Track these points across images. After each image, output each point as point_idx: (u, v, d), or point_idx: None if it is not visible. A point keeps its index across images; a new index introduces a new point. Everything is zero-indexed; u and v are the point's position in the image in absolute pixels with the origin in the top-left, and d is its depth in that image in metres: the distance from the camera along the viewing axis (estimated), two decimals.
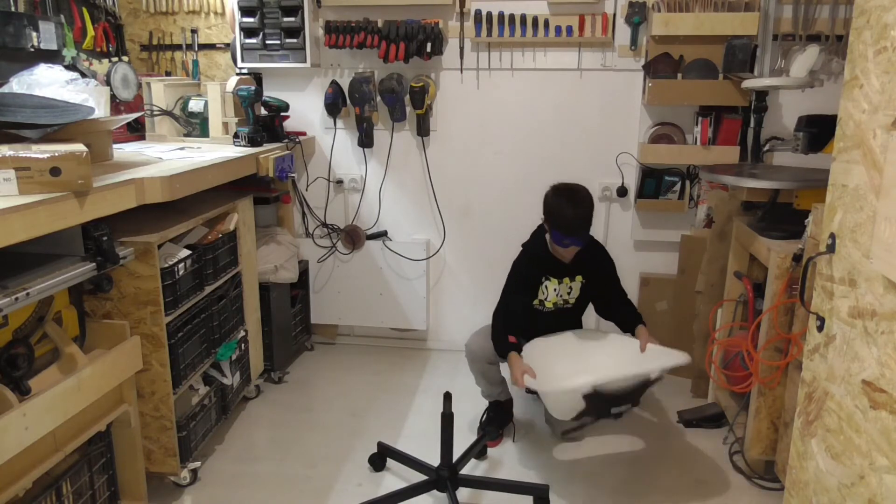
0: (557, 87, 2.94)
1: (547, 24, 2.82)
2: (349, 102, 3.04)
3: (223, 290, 2.37)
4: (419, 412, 2.71)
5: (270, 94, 3.00)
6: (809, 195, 2.13)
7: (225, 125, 2.81)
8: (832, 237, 1.38)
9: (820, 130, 2.34)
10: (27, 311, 1.61)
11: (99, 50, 3.25)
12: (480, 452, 2.37)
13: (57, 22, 2.56)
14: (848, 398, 1.29)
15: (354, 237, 3.21)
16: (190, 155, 2.36)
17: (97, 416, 1.79)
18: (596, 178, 2.97)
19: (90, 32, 3.18)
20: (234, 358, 2.45)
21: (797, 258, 1.98)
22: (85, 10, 3.15)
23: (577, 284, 2.41)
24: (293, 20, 2.89)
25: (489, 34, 2.87)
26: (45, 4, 2.86)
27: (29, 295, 1.46)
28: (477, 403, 2.64)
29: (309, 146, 3.14)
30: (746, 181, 2.27)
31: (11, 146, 1.51)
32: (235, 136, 2.71)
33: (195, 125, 2.91)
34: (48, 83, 1.91)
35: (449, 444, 2.08)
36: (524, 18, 2.83)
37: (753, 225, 2.32)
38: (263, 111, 2.84)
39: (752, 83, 2.52)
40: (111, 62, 2.71)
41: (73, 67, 2.33)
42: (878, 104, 1.19)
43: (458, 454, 2.16)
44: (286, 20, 2.89)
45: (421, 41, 2.82)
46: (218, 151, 2.48)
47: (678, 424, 2.61)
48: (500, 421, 2.52)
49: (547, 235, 2.35)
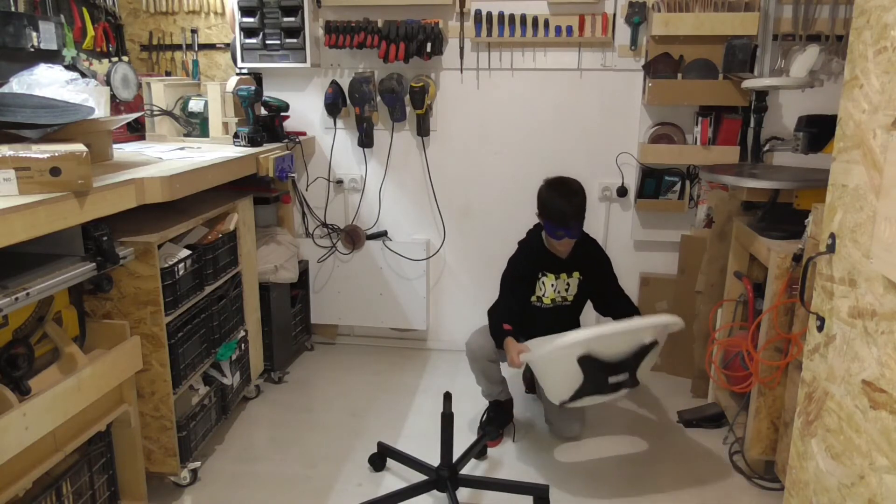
0: (557, 87, 2.94)
1: (547, 24, 2.82)
2: (349, 102, 3.04)
3: (223, 290, 2.37)
4: (419, 412, 2.72)
5: (270, 94, 3.00)
6: (809, 195, 2.13)
7: (225, 125, 2.81)
8: (832, 237, 1.38)
9: (820, 130, 2.34)
10: (27, 311, 1.61)
11: (99, 50, 3.25)
12: (480, 452, 2.37)
13: (57, 22, 2.56)
14: (848, 398, 1.29)
15: (354, 237, 3.21)
16: (190, 155, 2.36)
17: (97, 416, 1.79)
18: (596, 178, 2.98)
19: (90, 32, 3.18)
20: (234, 358, 2.45)
21: (797, 258, 1.98)
22: (85, 10, 3.15)
23: (574, 281, 2.42)
24: (293, 20, 2.89)
25: (489, 34, 2.87)
26: (45, 4, 2.86)
27: (29, 295, 1.46)
28: (477, 403, 2.64)
29: (309, 146, 3.14)
30: (746, 181, 2.27)
31: (11, 146, 1.51)
32: (235, 136, 2.71)
33: (195, 125, 2.91)
34: (48, 83, 1.91)
35: (449, 444, 2.08)
36: (524, 18, 2.83)
37: (753, 225, 2.32)
38: (263, 111, 2.84)
39: (752, 83, 2.52)
40: (111, 62, 2.71)
41: (73, 67, 2.33)
42: (878, 104, 1.19)
43: (458, 454, 2.16)
44: (286, 20, 2.89)
45: (421, 41, 2.82)
46: (218, 151, 2.48)
47: (678, 424, 2.61)
48: (500, 421, 2.52)
49: (543, 233, 2.38)
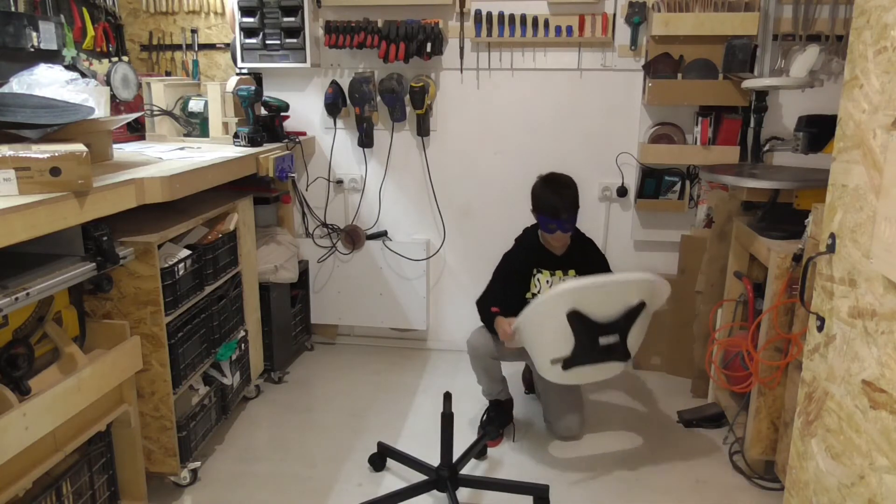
0: (557, 87, 2.94)
1: (547, 24, 2.82)
2: (349, 102, 3.04)
3: (223, 290, 2.37)
4: (419, 412, 2.71)
5: (270, 94, 3.00)
6: (809, 195, 2.13)
7: (225, 125, 2.81)
8: (832, 237, 1.38)
9: (820, 130, 2.34)
10: (27, 311, 1.61)
11: (99, 50, 3.25)
12: (480, 452, 2.37)
13: (57, 22, 2.56)
14: (848, 398, 1.29)
15: (354, 237, 3.21)
16: (190, 155, 2.36)
17: (97, 416, 1.79)
18: (596, 178, 2.98)
19: (90, 32, 3.18)
20: (234, 358, 2.45)
21: (797, 258, 1.98)
22: (85, 10, 3.15)
23: (569, 278, 2.42)
24: (293, 20, 2.89)
25: (489, 34, 2.87)
26: (45, 4, 2.87)
27: (29, 295, 1.46)
28: (477, 403, 2.64)
29: (309, 146, 3.14)
30: (746, 181, 2.27)
31: (11, 146, 1.51)
32: (235, 136, 2.71)
33: (195, 125, 2.91)
34: (48, 83, 1.91)
35: (449, 444, 2.08)
36: (524, 18, 2.83)
37: (753, 225, 2.32)
38: (263, 111, 2.83)
39: (752, 83, 2.52)
40: (111, 62, 2.71)
41: (73, 67, 2.33)
42: (878, 104, 1.19)
43: (458, 454, 2.16)
44: (286, 20, 2.89)
45: (421, 41, 2.82)
46: (218, 151, 2.48)
47: (678, 424, 2.61)
48: (500, 421, 2.52)
49: (539, 230, 2.41)
